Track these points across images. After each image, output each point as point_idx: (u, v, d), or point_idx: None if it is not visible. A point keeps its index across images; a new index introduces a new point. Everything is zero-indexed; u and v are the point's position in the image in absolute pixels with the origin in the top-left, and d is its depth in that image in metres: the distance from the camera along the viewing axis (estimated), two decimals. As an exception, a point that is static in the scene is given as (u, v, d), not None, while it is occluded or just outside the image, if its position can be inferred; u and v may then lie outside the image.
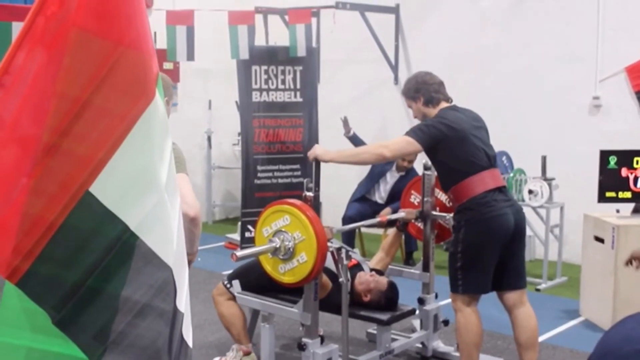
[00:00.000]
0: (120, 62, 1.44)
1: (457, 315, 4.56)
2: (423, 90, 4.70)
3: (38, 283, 1.44)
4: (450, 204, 5.35)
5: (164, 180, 1.53)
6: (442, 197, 5.46)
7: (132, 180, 1.48)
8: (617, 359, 1.22)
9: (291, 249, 4.14)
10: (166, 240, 1.55)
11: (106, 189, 1.45)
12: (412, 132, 4.52)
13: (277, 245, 4.15)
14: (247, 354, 4.94)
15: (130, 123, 1.46)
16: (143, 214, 1.49)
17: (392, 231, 5.46)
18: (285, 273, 4.22)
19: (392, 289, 4.89)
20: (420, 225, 5.37)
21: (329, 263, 4.43)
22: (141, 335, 1.52)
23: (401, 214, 5.31)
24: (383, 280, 4.88)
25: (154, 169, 1.51)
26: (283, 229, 4.16)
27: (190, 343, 1.69)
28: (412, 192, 5.50)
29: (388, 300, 4.84)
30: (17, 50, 1.38)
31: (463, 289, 4.55)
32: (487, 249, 4.49)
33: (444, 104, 4.71)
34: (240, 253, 4.05)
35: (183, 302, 1.63)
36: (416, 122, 4.79)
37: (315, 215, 4.13)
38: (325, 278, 4.54)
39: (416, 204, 5.41)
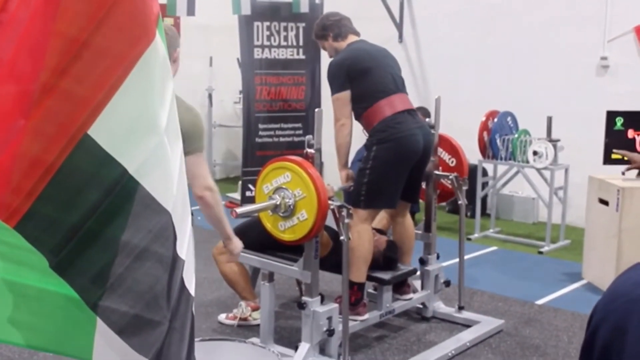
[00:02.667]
0: (120, 2, 1.42)
1: (351, 230, 4.48)
2: (329, 26, 4.96)
3: (37, 225, 1.44)
4: (453, 163, 5.37)
5: (164, 123, 1.52)
6: (445, 156, 5.46)
7: (131, 123, 1.47)
8: (627, 302, 1.21)
9: (291, 207, 4.14)
10: (165, 184, 1.54)
11: (105, 131, 1.44)
12: (333, 89, 4.75)
13: (278, 203, 4.15)
14: (255, 309, 4.99)
15: (130, 64, 1.44)
16: (142, 158, 1.48)
17: None
18: (285, 230, 4.23)
19: (392, 248, 4.90)
20: (424, 186, 5.37)
21: (330, 221, 4.44)
22: (139, 279, 1.52)
23: None
24: (382, 239, 4.89)
25: (154, 112, 1.50)
26: (284, 186, 4.17)
27: (192, 291, 1.69)
28: None
29: (387, 259, 4.86)
30: (14, -12, 1.37)
31: (365, 204, 4.69)
32: (396, 167, 4.70)
33: (353, 37, 4.97)
34: (240, 210, 4.05)
35: (184, 249, 1.63)
36: None
37: (316, 173, 4.13)
38: (326, 236, 4.55)
39: None
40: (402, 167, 4.71)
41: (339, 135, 4.77)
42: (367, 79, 4.73)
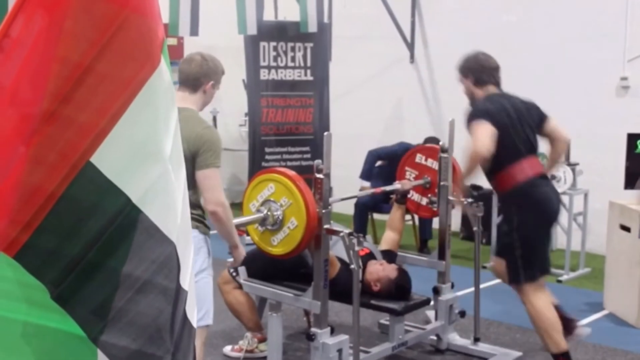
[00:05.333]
0: (124, 27, 1.44)
1: (526, 306, 4.73)
2: (472, 70, 4.99)
3: (37, 256, 1.45)
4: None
5: (169, 151, 1.53)
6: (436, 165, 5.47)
7: (135, 150, 1.48)
8: None
9: (280, 217, 4.25)
10: (170, 214, 1.55)
11: (108, 159, 1.45)
12: (475, 119, 4.67)
13: (265, 215, 4.27)
14: (262, 340, 4.99)
15: (134, 90, 1.46)
16: (146, 187, 1.49)
17: (394, 208, 5.53)
18: (277, 245, 4.33)
19: (403, 276, 4.90)
20: (418, 200, 5.57)
21: (340, 251, 4.46)
22: (142, 312, 1.52)
23: (397, 185, 5.41)
24: (392, 268, 4.90)
25: (159, 139, 1.51)
26: (270, 199, 4.28)
27: (194, 323, 1.70)
28: (407, 168, 5.60)
29: (399, 288, 4.85)
30: (18, 13, 1.38)
31: (526, 277, 4.74)
32: (542, 231, 4.82)
33: (492, 89, 4.94)
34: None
35: (187, 280, 1.64)
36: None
37: (298, 176, 4.25)
38: (331, 254, 4.56)
39: (412, 180, 5.54)
40: (546, 230, 4.88)
41: (473, 165, 4.65)
42: (501, 142, 4.61)
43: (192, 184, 3.73)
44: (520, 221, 4.69)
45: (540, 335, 4.73)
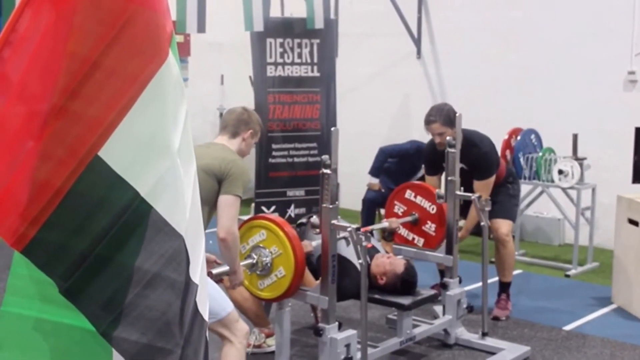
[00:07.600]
0: (132, 21, 1.44)
1: (509, 243, 5.79)
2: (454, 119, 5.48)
3: (44, 251, 1.45)
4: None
5: (177, 145, 1.53)
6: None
7: (143, 144, 1.49)
8: None
9: (268, 264, 4.33)
10: (178, 207, 1.56)
11: (116, 153, 1.45)
12: (492, 174, 5.69)
13: (254, 261, 4.34)
14: (269, 335, 5.00)
15: (142, 85, 1.46)
16: (154, 180, 1.50)
17: (381, 245, 5.52)
18: (264, 289, 4.42)
19: (410, 271, 4.89)
20: (405, 235, 5.59)
21: (342, 249, 4.47)
22: (151, 306, 1.53)
23: (384, 223, 5.46)
24: (399, 262, 4.89)
25: (167, 133, 1.52)
26: (260, 245, 4.35)
27: (206, 316, 1.70)
28: (396, 202, 5.62)
29: (405, 282, 4.84)
30: (25, 8, 1.39)
31: (514, 219, 6.02)
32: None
33: None
34: (216, 270, 4.14)
35: (198, 273, 1.64)
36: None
37: (291, 230, 4.32)
38: (307, 275, 4.58)
39: (400, 214, 5.56)
40: None
41: None
42: None
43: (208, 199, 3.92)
44: (517, 188, 6.13)
45: (508, 268, 5.85)
